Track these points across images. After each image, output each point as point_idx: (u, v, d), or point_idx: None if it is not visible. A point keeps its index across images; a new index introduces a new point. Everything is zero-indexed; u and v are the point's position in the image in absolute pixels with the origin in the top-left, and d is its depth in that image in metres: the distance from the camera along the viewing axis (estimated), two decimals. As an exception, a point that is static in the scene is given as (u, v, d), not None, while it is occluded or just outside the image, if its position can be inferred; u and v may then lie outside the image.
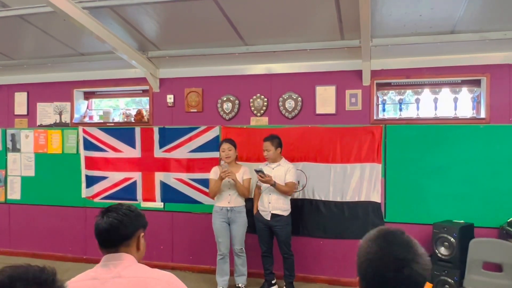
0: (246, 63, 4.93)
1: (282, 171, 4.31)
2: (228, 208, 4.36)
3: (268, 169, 4.37)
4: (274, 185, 4.21)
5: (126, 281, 1.56)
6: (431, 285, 4.03)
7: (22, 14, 4.10)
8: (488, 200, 4.25)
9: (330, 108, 4.74)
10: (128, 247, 1.66)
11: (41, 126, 5.78)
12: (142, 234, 1.73)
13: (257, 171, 4.22)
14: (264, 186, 4.32)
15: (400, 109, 4.73)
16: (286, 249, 4.35)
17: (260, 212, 4.39)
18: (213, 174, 4.44)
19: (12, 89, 5.90)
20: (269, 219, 4.31)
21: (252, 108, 4.98)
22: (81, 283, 1.58)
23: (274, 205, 4.29)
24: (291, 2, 3.73)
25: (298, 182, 4.70)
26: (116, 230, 1.65)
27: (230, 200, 4.37)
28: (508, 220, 4.06)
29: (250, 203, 4.57)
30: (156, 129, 5.26)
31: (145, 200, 5.33)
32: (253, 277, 4.64)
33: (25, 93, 5.84)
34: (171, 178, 5.23)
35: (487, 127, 4.31)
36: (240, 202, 4.41)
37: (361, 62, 4.43)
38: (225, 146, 4.40)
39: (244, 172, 4.40)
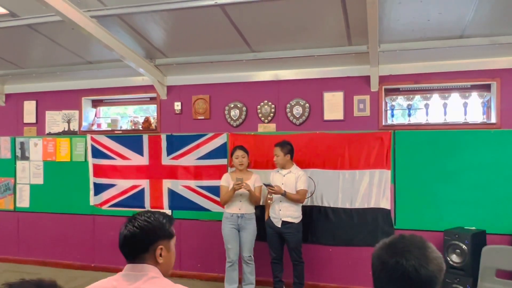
0: (253, 69, 4.93)
1: (292, 178, 4.29)
2: (239, 215, 4.34)
3: (279, 176, 4.35)
4: (284, 194, 4.18)
5: None
6: (443, 293, 3.97)
7: (31, 23, 4.14)
8: (500, 206, 4.18)
9: (338, 114, 4.71)
10: (147, 260, 1.56)
11: (49, 134, 5.81)
12: (161, 247, 1.58)
13: (266, 185, 4.22)
14: (275, 195, 4.30)
15: (409, 115, 4.69)
16: (296, 256, 4.31)
17: (271, 218, 4.36)
18: (225, 181, 4.43)
19: (21, 98, 5.95)
20: (279, 226, 4.28)
21: (260, 115, 4.97)
22: None
23: (284, 212, 4.26)
24: (298, 8, 3.73)
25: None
26: (130, 242, 1.57)
27: (241, 207, 4.35)
28: (521, 227, 4.00)
29: (259, 210, 4.54)
30: (163, 137, 5.27)
31: (153, 207, 5.31)
32: (261, 285, 4.60)
33: (34, 102, 5.88)
34: (179, 186, 5.22)
35: (498, 132, 4.25)
36: (251, 209, 4.40)
37: (369, 68, 4.41)
38: (239, 153, 4.39)
39: (255, 180, 4.40)
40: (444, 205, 4.35)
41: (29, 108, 5.91)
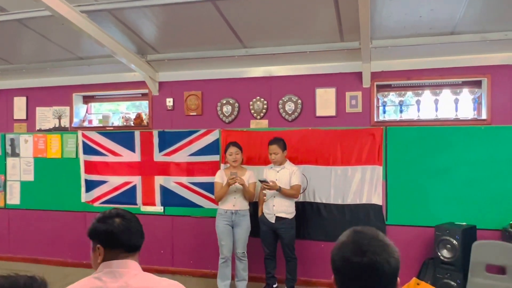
0: (245, 65, 4.91)
1: (287, 174, 4.29)
2: (233, 211, 4.34)
3: (273, 172, 4.35)
4: (279, 190, 4.19)
5: None
6: (433, 288, 4.00)
7: (21, 18, 4.09)
8: (490, 202, 4.22)
9: (330, 111, 4.72)
10: (134, 256, 1.63)
11: (40, 130, 5.76)
12: None
13: (261, 181, 4.22)
14: (269, 191, 4.30)
15: (401, 111, 4.71)
16: (289, 252, 4.32)
17: (265, 214, 4.37)
18: (219, 178, 4.42)
19: (11, 94, 5.89)
20: (273, 222, 4.29)
21: (252, 111, 4.96)
22: None
23: (278, 208, 4.27)
24: (290, 4, 3.72)
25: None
26: (140, 235, 1.65)
27: (235, 203, 4.35)
28: (511, 222, 4.04)
29: (252, 206, 4.54)
30: (155, 133, 5.24)
31: (145, 204, 5.30)
32: (254, 281, 4.61)
33: (24, 98, 5.82)
34: (171, 182, 5.20)
35: (489, 128, 4.29)
36: (245, 206, 4.39)
37: (361, 64, 4.42)
38: (233, 149, 4.37)
39: (250, 176, 4.39)
40: (435, 201, 4.38)
41: (19, 104, 5.85)
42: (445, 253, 3.97)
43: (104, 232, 1.61)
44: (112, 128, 5.52)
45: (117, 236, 1.59)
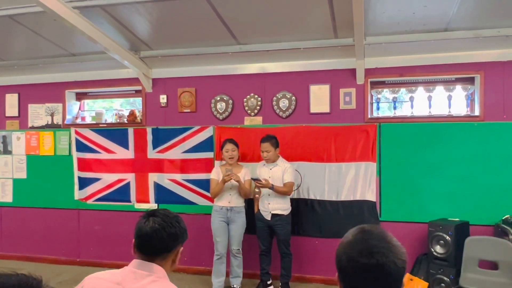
0: (239, 62, 4.90)
1: (279, 171, 4.29)
2: (228, 208, 4.34)
3: (266, 169, 4.35)
4: (272, 187, 4.19)
5: None
6: (426, 284, 4.02)
7: (12, 14, 4.06)
8: (483, 198, 4.25)
9: (324, 107, 4.72)
10: (163, 260, 1.58)
11: (32, 127, 5.71)
12: (181, 249, 1.66)
13: (254, 179, 4.22)
14: (263, 189, 4.30)
15: (395, 108, 4.73)
16: (285, 248, 4.33)
17: (260, 212, 4.37)
18: (215, 174, 4.42)
19: (3, 91, 5.83)
20: (269, 219, 4.29)
21: (246, 108, 4.95)
22: (105, 284, 1.50)
23: (273, 205, 4.28)
24: (284, 0, 3.71)
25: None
26: (160, 239, 1.56)
27: (231, 200, 4.35)
28: (503, 218, 4.06)
29: (248, 203, 4.54)
30: (149, 130, 5.22)
31: (138, 201, 5.28)
32: (248, 277, 4.61)
33: (16, 95, 5.77)
34: (165, 179, 5.19)
35: (481, 124, 4.31)
36: (240, 202, 4.40)
37: (355, 61, 4.42)
38: (229, 146, 4.37)
39: (245, 173, 4.39)
40: (428, 197, 4.40)
41: (11, 101, 5.80)
42: (438, 249, 3.99)
43: (136, 227, 1.61)
44: (105, 125, 5.49)
45: (139, 234, 1.58)
